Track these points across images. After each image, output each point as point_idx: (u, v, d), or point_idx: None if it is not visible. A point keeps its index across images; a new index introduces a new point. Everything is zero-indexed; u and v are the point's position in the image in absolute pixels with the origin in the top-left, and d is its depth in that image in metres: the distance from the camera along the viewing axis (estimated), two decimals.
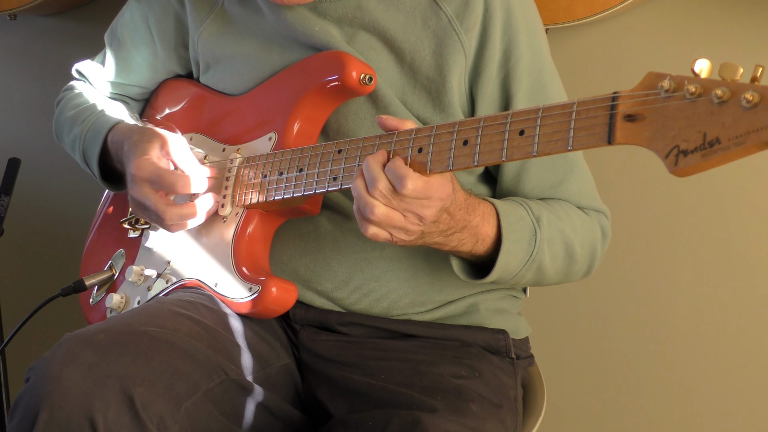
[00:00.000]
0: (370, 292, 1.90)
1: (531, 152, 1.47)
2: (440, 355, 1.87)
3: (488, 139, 1.53)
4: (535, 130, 1.46)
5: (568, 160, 1.88)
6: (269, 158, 1.85)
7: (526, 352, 2.04)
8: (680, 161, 1.30)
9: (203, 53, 2.06)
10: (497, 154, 1.51)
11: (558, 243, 1.82)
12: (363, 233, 1.63)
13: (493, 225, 1.74)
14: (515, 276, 1.79)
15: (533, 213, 1.79)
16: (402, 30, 1.85)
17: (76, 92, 2.26)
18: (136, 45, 2.16)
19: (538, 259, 1.79)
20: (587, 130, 1.41)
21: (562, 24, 2.57)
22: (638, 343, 2.77)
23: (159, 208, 1.86)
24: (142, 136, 1.94)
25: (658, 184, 2.69)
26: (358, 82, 1.80)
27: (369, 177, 1.60)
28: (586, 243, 1.87)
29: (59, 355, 1.60)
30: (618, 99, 1.38)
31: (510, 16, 1.83)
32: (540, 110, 1.47)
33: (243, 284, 1.84)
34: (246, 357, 1.81)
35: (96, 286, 2.12)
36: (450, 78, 1.83)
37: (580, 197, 1.90)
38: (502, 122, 1.51)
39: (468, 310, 1.94)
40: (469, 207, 1.69)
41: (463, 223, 1.68)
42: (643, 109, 1.35)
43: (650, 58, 2.65)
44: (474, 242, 1.73)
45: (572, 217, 1.86)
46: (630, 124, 1.36)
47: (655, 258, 2.73)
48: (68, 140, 2.17)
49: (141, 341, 1.66)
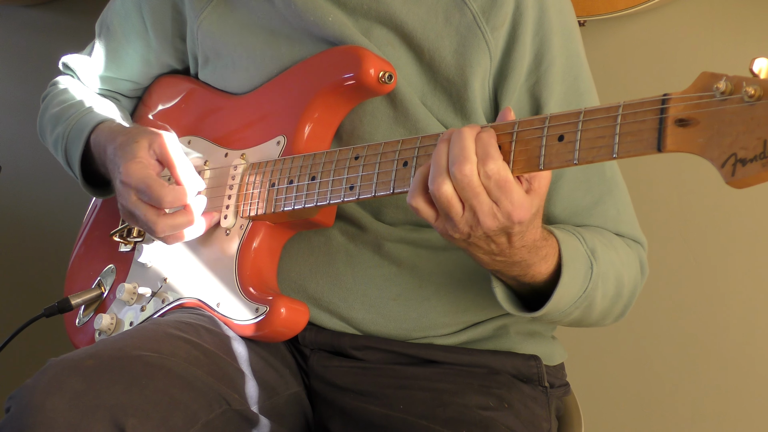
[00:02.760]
0: (387, 311, 1.90)
1: (572, 160, 1.46)
2: (465, 383, 1.86)
3: (523, 145, 1.52)
4: (576, 135, 1.46)
5: (606, 178, 1.87)
6: (277, 164, 1.85)
7: (561, 380, 2.03)
8: (738, 171, 1.30)
9: (202, 45, 2.07)
10: (534, 162, 1.50)
11: (611, 278, 1.80)
12: (407, 200, 1.58)
13: (550, 265, 1.69)
14: (562, 312, 1.75)
15: (587, 244, 1.77)
16: (421, 26, 1.85)
17: (62, 88, 2.27)
18: (128, 35, 2.17)
19: (590, 296, 1.76)
20: (634, 135, 1.40)
21: (601, 16, 2.57)
22: (686, 370, 2.77)
23: (149, 219, 1.87)
24: (128, 137, 1.94)
25: (708, 196, 2.69)
26: (376, 81, 1.80)
27: (459, 151, 1.52)
28: (632, 278, 1.86)
29: (43, 382, 1.60)
30: (669, 102, 1.37)
31: (543, 15, 1.83)
32: (581, 113, 1.46)
33: (248, 304, 1.83)
34: (251, 385, 1.81)
35: (83, 306, 2.13)
36: (472, 80, 1.82)
37: (618, 223, 1.88)
38: (539, 127, 1.51)
39: (496, 333, 1.94)
40: (534, 248, 1.64)
41: (519, 258, 1.64)
42: (696, 113, 1.35)
43: (702, 55, 2.64)
44: (521, 275, 1.69)
45: (618, 247, 1.84)
46: (682, 129, 1.36)
47: (704, 278, 2.73)
48: (51, 140, 2.18)
49: (134, 367, 1.65)
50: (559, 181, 1.85)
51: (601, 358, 2.85)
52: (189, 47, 2.12)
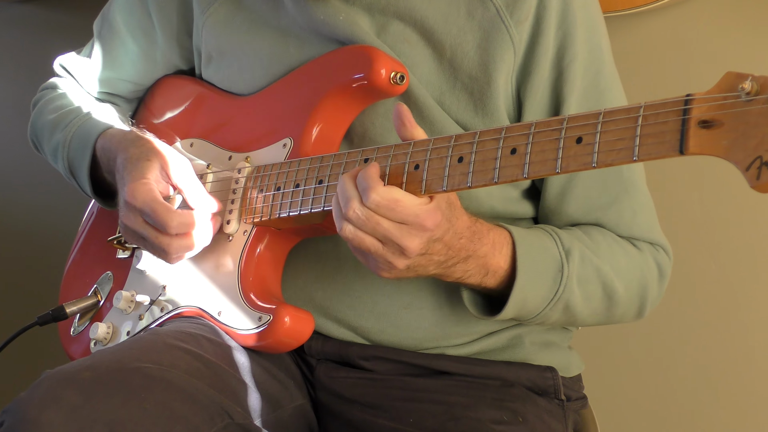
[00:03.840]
0: (397, 321, 1.90)
1: (590, 163, 1.46)
2: (478, 396, 1.87)
3: (540, 147, 1.52)
4: (594, 138, 1.46)
5: (623, 178, 1.87)
6: (283, 168, 1.85)
7: (578, 392, 2.03)
8: (763, 174, 1.30)
9: (206, 43, 2.07)
10: (550, 165, 1.50)
11: (593, 282, 1.82)
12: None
13: (506, 255, 1.74)
14: (537, 315, 1.79)
15: (563, 245, 1.79)
16: (443, 20, 1.85)
17: (59, 92, 2.26)
18: (132, 31, 2.17)
19: (564, 299, 1.79)
20: (656, 137, 1.40)
21: (621, 11, 2.57)
22: (709, 383, 2.76)
23: (161, 242, 1.87)
24: (140, 151, 1.94)
25: (732, 201, 2.68)
26: (387, 82, 1.80)
27: (342, 196, 1.63)
28: (633, 283, 1.87)
29: (38, 395, 1.59)
30: (692, 102, 1.37)
31: (567, 8, 1.83)
32: (601, 114, 1.46)
33: (251, 313, 1.83)
34: (254, 397, 1.81)
35: (78, 314, 2.13)
36: (496, 77, 1.82)
37: (632, 225, 1.89)
38: (557, 128, 1.51)
39: (511, 343, 1.94)
40: (474, 234, 1.69)
41: (466, 252, 1.69)
42: (720, 114, 1.34)
43: (726, 53, 2.64)
44: (483, 274, 1.74)
45: (615, 251, 1.85)
46: (705, 131, 1.36)
47: (727, 287, 2.72)
48: (49, 148, 2.17)
49: (132, 380, 1.65)
50: (574, 180, 1.85)
51: (620, 369, 2.84)
52: (195, 44, 2.12)
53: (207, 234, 1.88)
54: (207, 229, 1.89)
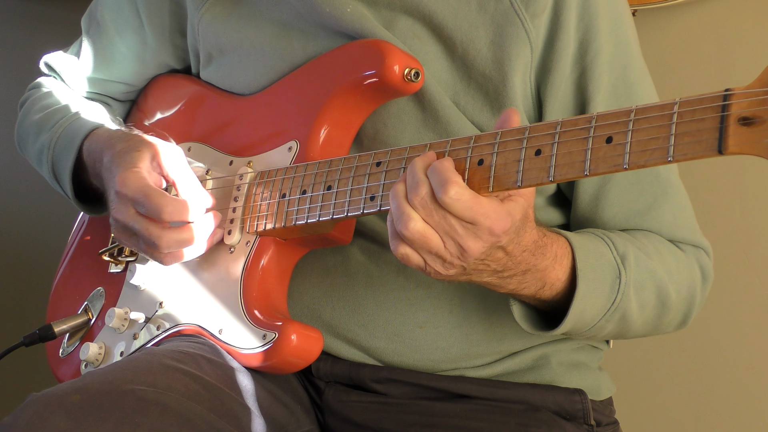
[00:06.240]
0: (412, 340, 1.90)
1: (621, 164, 1.46)
2: (501, 421, 1.87)
3: (567, 147, 1.52)
4: (626, 137, 1.46)
5: (661, 179, 1.88)
6: (289, 173, 1.85)
7: (609, 417, 2.03)
8: None
9: (204, 42, 2.07)
10: (578, 167, 1.51)
11: (649, 288, 1.82)
12: (393, 252, 1.62)
13: (566, 267, 1.74)
14: (592, 327, 1.79)
15: (617, 250, 1.79)
16: (453, 15, 1.85)
17: (45, 91, 2.27)
18: (121, 31, 2.18)
19: (622, 308, 1.79)
20: (692, 136, 1.40)
21: (654, 5, 2.57)
22: (753, 408, 2.75)
23: (152, 233, 1.86)
24: (129, 144, 1.94)
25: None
26: (401, 79, 1.80)
27: (411, 181, 1.59)
28: (684, 287, 1.87)
29: (23, 420, 1.60)
30: (731, 98, 1.37)
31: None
32: (632, 112, 1.46)
33: (255, 330, 1.84)
34: (257, 423, 1.81)
35: (67, 334, 2.13)
36: (512, 75, 1.83)
37: (674, 228, 1.90)
38: (585, 127, 1.51)
39: (536, 364, 1.94)
40: (538, 249, 1.68)
41: (526, 266, 1.68)
42: (762, 110, 1.35)
43: (767, 46, 2.64)
44: (539, 287, 1.73)
45: (664, 254, 1.86)
46: (746, 129, 1.36)
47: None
48: (34, 150, 2.18)
49: (125, 403, 1.65)
50: (608, 184, 1.86)
51: (653, 391, 2.84)
52: (190, 43, 2.12)
53: (202, 231, 1.88)
54: (202, 225, 1.88)
